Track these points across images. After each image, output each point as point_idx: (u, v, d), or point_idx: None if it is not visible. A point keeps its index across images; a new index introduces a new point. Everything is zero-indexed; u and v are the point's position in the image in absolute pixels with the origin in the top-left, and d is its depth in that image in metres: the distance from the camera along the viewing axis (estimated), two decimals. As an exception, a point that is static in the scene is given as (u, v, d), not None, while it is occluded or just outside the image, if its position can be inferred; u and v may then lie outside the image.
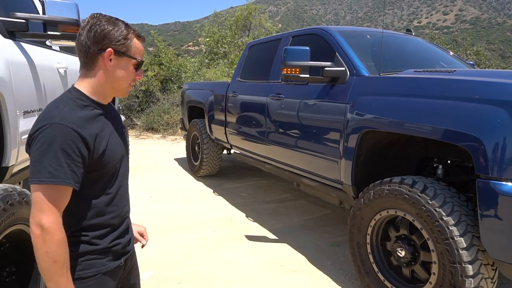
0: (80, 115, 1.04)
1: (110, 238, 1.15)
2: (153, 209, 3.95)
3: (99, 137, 1.07)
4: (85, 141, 1.01)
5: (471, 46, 16.78)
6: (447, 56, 3.53)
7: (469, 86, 1.91)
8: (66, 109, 1.04)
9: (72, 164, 0.99)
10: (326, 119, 2.74)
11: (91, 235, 1.10)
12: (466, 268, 1.73)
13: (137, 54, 1.14)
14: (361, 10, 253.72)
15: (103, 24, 1.08)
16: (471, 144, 1.74)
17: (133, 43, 1.12)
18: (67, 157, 0.98)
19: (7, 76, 1.92)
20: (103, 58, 1.08)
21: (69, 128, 0.99)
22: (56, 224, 0.97)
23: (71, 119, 1.01)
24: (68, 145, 0.98)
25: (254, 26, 16.15)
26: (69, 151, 0.98)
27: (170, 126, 9.77)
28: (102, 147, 1.08)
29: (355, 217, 2.33)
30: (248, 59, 4.39)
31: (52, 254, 0.96)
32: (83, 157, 1.01)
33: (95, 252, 1.11)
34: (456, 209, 1.82)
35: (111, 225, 1.15)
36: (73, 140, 0.99)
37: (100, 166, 1.09)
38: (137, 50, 1.14)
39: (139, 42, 1.15)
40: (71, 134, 0.99)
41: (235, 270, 2.68)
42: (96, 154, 1.05)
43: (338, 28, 3.20)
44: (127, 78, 1.14)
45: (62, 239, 0.99)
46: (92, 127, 1.06)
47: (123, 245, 1.21)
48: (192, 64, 12.75)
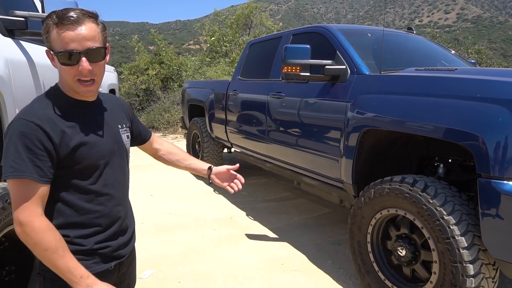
0: (48, 111, 1.03)
1: (95, 239, 1.11)
2: (153, 207, 3.95)
3: (70, 132, 1.04)
4: (48, 135, 0.99)
5: (473, 45, 16.74)
6: (448, 54, 3.52)
7: (470, 85, 1.90)
8: (37, 104, 1.04)
9: (35, 158, 0.97)
10: (327, 118, 2.73)
11: (72, 234, 1.07)
12: (467, 268, 1.73)
13: (57, 45, 1.00)
14: (362, 9, 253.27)
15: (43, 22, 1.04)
16: (473, 143, 1.73)
17: (51, 36, 1.01)
18: (29, 151, 0.96)
19: (6, 75, 1.92)
20: (50, 59, 1.06)
21: (30, 122, 0.97)
22: (32, 216, 0.96)
23: (36, 114, 1.00)
24: (29, 140, 0.96)
25: (255, 25, 16.13)
26: (31, 145, 0.96)
27: (171, 124, 9.78)
28: (73, 142, 1.04)
29: (355, 216, 2.32)
30: (249, 58, 4.38)
31: (40, 244, 0.96)
32: (47, 151, 0.99)
33: (79, 253, 1.06)
34: (457, 208, 1.82)
35: (95, 225, 1.11)
36: (34, 134, 0.97)
37: (72, 162, 1.05)
38: (59, 42, 0.99)
39: (57, 30, 0.99)
40: (32, 128, 0.97)
41: (235, 269, 2.68)
42: (65, 149, 1.02)
43: (339, 26, 3.19)
44: (65, 75, 1.04)
45: (42, 226, 0.97)
46: (61, 122, 1.03)
47: (114, 249, 1.16)
48: (192, 62, 12.75)
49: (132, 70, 11.97)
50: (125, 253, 1.21)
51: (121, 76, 11.55)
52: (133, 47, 12.57)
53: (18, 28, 2.15)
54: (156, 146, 1.49)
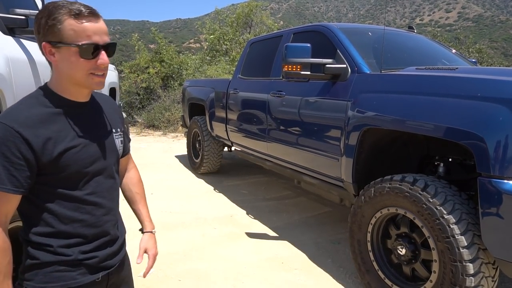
0: (32, 114, 0.94)
1: (80, 249, 1.04)
2: (153, 206, 3.93)
3: (55, 138, 0.96)
4: (27, 142, 0.91)
5: (474, 44, 16.71)
6: (449, 53, 3.51)
7: (471, 84, 1.89)
8: (21, 106, 0.95)
9: (11, 167, 0.89)
10: (327, 117, 2.73)
11: (56, 243, 1.00)
12: (467, 267, 1.73)
13: (79, 37, 0.94)
14: (363, 8, 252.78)
15: (37, 15, 0.96)
16: (473, 142, 1.73)
17: (66, 27, 0.94)
18: (4, 159, 0.89)
19: (6, 73, 1.92)
20: (47, 55, 0.98)
21: (10, 127, 0.89)
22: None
23: (17, 118, 0.91)
24: (6, 147, 0.89)
25: (255, 23, 16.10)
26: (7, 153, 0.89)
27: (171, 123, 9.77)
28: (59, 148, 0.96)
29: (355, 214, 2.32)
30: (249, 56, 4.38)
31: None
32: (26, 159, 0.91)
33: (63, 264, 1.01)
34: (457, 208, 1.82)
35: (81, 235, 1.04)
36: (12, 141, 0.89)
37: (57, 170, 0.97)
38: (75, 33, 0.94)
39: (76, 21, 0.94)
40: (11, 134, 0.89)
41: (236, 267, 2.68)
42: (48, 156, 0.94)
43: (339, 25, 3.18)
44: (78, 69, 0.97)
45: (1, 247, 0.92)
46: (46, 126, 0.95)
47: (101, 259, 1.09)
48: (193, 61, 12.73)
49: (132, 68, 11.96)
50: (113, 263, 1.15)
51: (122, 75, 11.54)
52: (134, 46, 12.55)
53: (18, 27, 2.15)
54: (125, 166, 1.35)
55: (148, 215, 1.38)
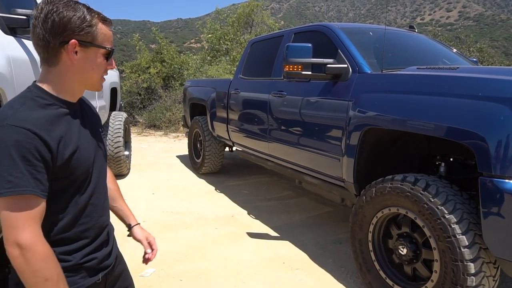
0: (40, 115, 0.90)
1: (82, 253, 1.02)
2: (155, 206, 3.96)
3: (65, 140, 0.93)
4: (46, 144, 0.88)
5: (475, 43, 16.68)
6: (450, 53, 3.51)
7: (472, 83, 1.89)
8: (23, 109, 0.89)
9: (34, 170, 0.85)
10: (328, 117, 2.73)
11: (58, 250, 0.96)
12: (468, 266, 1.73)
13: (106, 41, 0.99)
14: (363, 7, 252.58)
15: (60, 11, 0.92)
16: (474, 141, 1.73)
17: (99, 30, 0.97)
18: (27, 163, 0.84)
19: (8, 73, 1.93)
20: (67, 52, 0.94)
21: (26, 130, 0.85)
22: (36, 238, 0.86)
23: (28, 120, 0.87)
24: (26, 149, 0.84)
25: (256, 23, 16.10)
26: (28, 156, 0.84)
27: (172, 123, 9.79)
28: (68, 151, 0.94)
29: (356, 214, 2.32)
30: (250, 56, 4.38)
31: (41, 272, 0.85)
32: (45, 162, 0.88)
33: (65, 270, 0.97)
34: (459, 207, 1.82)
35: (82, 239, 1.02)
36: (31, 143, 0.85)
37: (68, 173, 0.95)
38: (105, 37, 0.99)
39: (105, 27, 0.99)
40: (29, 136, 0.85)
41: (237, 267, 2.68)
42: (61, 159, 0.92)
43: (340, 25, 3.18)
44: (98, 70, 1.00)
45: (47, 252, 0.88)
46: (55, 128, 0.92)
47: (100, 260, 1.08)
48: (194, 61, 12.73)
49: (133, 68, 11.97)
50: (110, 263, 1.14)
51: (123, 75, 11.56)
52: (135, 46, 12.57)
53: (20, 26, 2.16)
54: None
55: (130, 210, 1.37)
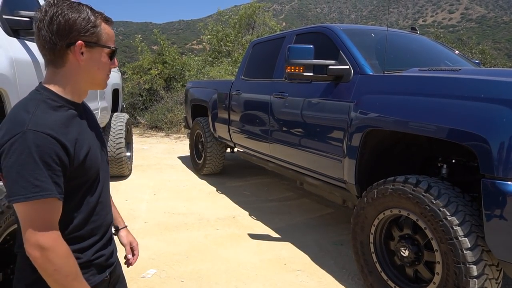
0: (55, 118, 0.92)
1: (93, 250, 1.05)
2: (156, 207, 3.96)
3: (79, 141, 0.96)
4: (65, 148, 0.90)
5: (477, 45, 16.66)
6: (452, 55, 3.51)
7: (474, 85, 1.89)
8: (38, 112, 0.91)
9: (54, 174, 0.88)
10: (330, 118, 2.73)
11: (72, 248, 0.98)
12: (471, 269, 1.72)
13: (109, 41, 1.02)
14: (365, 9, 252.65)
15: (66, 13, 0.93)
16: (476, 143, 1.72)
17: (103, 30, 0.99)
18: (48, 168, 0.87)
19: (11, 74, 1.93)
20: (73, 53, 0.95)
21: (46, 135, 0.87)
22: (56, 240, 0.90)
23: (47, 124, 0.89)
24: (47, 154, 0.87)
25: (258, 25, 16.12)
26: (49, 160, 0.87)
27: (174, 124, 9.80)
28: (83, 152, 0.97)
29: (358, 216, 2.32)
30: (252, 58, 4.38)
31: (63, 270, 0.90)
32: (63, 165, 0.90)
33: None
34: (461, 209, 1.81)
35: (93, 236, 1.05)
36: (52, 148, 0.87)
37: (82, 173, 0.98)
38: (108, 37, 1.01)
39: (108, 27, 1.02)
40: (50, 142, 0.87)
41: (238, 268, 2.68)
42: (78, 160, 0.95)
43: (342, 26, 3.18)
44: (103, 69, 1.02)
45: (68, 251, 0.92)
46: (70, 131, 0.94)
47: (107, 257, 1.10)
48: (195, 62, 12.75)
49: (135, 69, 12.00)
50: (114, 261, 1.16)
51: (125, 76, 11.58)
52: (137, 47, 12.61)
53: (23, 28, 2.17)
54: None
55: (118, 212, 1.37)
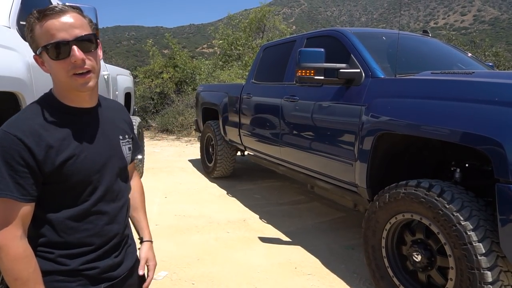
0: (36, 122, 0.93)
1: (82, 259, 1.01)
2: (167, 209, 3.99)
3: (58, 146, 0.94)
4: (30, 151, 0.89)
5: (490, 47, 16.38)
6: (465, 57, 3.47)
7: (488, 88, 1.87)
8: (23, 115, 0.94)
9: (16, 175, 0.89)
10: (341, 121, 2.72)
11: (57, 253, 0.98)
12: (485, 275, 1.69)
13: (43, 40, 0.91)
14: (376, 12, 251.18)
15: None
16: (490, 147, 1.70)
17: (37, 33, 0.92)
18: (9, 168, 0.88)
19: (28, 78, 1.98)
20: (40, 65, 0.98)
21: (13, 135, 0.88)
22: (9, 240, 0.89)
23: (18, 126, 0.90)
24: (10, 155, 0.88)
25: (268, 28, 16.16)
26: (11, 161, 0.88)
27: (185, 127, 9.87)
28: (61, 157, 0.94)
29: (370, 220, 2.30)
30: (263, 61, 4.40)
31: (11, 272, 0.89)
32: (29, 167, 0.90)
33: (62, 273, 0.98)
34: (475, 214, 1.79)
35: (84, 245, 1.01)
36: (15, 149, 0.88)
37: (60, 179, 0.95)
38: (41, 36, 0.91)
39: (40, 24, 0.91)
40: (14, 142, 0.88)
41: (248, 271, 2.68)
42: (51, 165, 0.93)
43: (353, 29, 3.18)
44: (58, 72, 0.94)
45: (19, 254, 0.90)
46: (49, 134, 0.93)
47: (102, 270, 1.05)
48: (206, 66, 12.84)
49: (147, 73, 12.15)
50: (117, 275, 1.10)
51: (136, 80, 11.72)
52: (148, 51, 12.77)
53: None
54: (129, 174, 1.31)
55: (147, 225, 1.36)
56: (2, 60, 1.83)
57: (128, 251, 1.17)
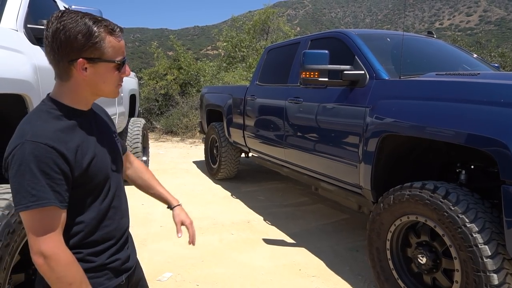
0: (55, 128, 0.94)
1: (107, 254, 1.07)
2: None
3: (81, 149, 0.97)
4: (63, 156, 0.91)
5: (496, 48, 16.27)
6: (470, 58, 3.45)
7: (493, 89, 1.86)
8: (39, 123, 0.94)
9: (53, 183, 0.90)
10: (345, 123, 2.72)
11: (85, 252, 1.02)
12: (491, 277, 1.68)
13: (116, 54, 0.98)
14: (380, 13, 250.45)
15: (66, 29, 0.92)
16: (496, 149, 1.69)
17: (106, 44, 0.96)
18: (46, 177, 0.89)
19: (35, 81, 2.00)
20: (76, 69, 0.95)
21: (43, 144, 0.89)
22: (58, 248, 0.91)
23: (45, 134, 0.91)
24: (45, 164, 0.89)
25: (272, 30, 16.18)
26: (47, 169, 0.89)
27: (189, 129, 9.90)
28: (86, 159, 0.98)
29: (374, 222, 2.30)
30: (267, 63, 4.41)
31: (65, 278, 0.91)
32: (64, 174, 0.92)
33: (91, 270, 1.02)
34: (480, 216, 1.77)
35: (106, 241, 1.07)
36: (50, 157, 0.89)
37: (87, 180, 0.99)
38: (114, 50, 0.97)
39: (114, 38, 0.97)
40: (47, 151, 0.89)
41: (253, 273, 2.69)
42: (80, 168, 0.96)
43: (357, 31, 3.17)
44: (110, 83, 1.01)
45: (69, 259, 0.93)
46: (71, 138, 0.96)
47: (123, 261, 1.12)
48: (210, 68, 12.88)
49: (151, 75, 12.22)
50: (131, 265, 1.17)
51: (141, 81, 11.79)
52: (153, 53, 12.85)
53: (45, 37, 2.24)
54: (127, 164, 1.36)
55: (168, 192, 1.41)
56: (10, 62, 1.85)
57: (132, 243, 1.25)
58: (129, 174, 1.37)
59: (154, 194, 1.39)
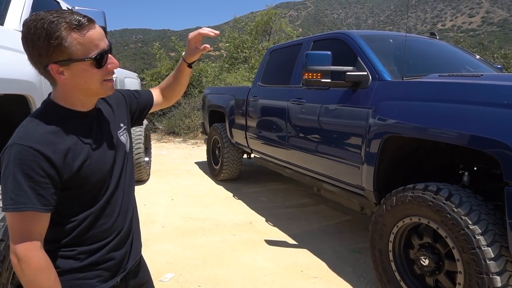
0: (46, 130, 0.92)
1: (100, 253, 1.05)
2: (174, 211, 4.01)
3: (73, 151, 0.95)
4: (49, 160, 0.89)
5: (499, 49, 16.25)
6: (473, 60, 3.44)
7: (497, 91, 1.85)
8: (31, 125, 0.92)
9: (37, 186, 0.88)
10: (348, 124, 2.72)
11: (78, 250, 1.01)
12: (494, 280, 1.67)
13: (87, 50, 0.91)
14: (383, 14, 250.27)
15: (29, 38, 0.89)
16: (499, 150, 1.68)
17: (72, 43, 0.89)
18: (29, 180, 0.87)
19: (38, 82, 2.01)
20: (54, 75, 0.92)
21: (28, 147, 0.87)
22: (30, 252, 0.90)
23: (33, 137, 0.89)
24: (29, 167, 0.87)
25: (274, 31, 16.21)
26: (31, 173, 0.87)
27: (191, 130, 9.92)
28: (78, 162, 0.95)
29: (376, 223, 2.29)
30: (269, 64, 4.41)
31: (33, 283, 0.91)
32: (50, 177, 0.90)
33: (83, 270, 1.01)
34: (483, 218, 1.77)
35: (102, 239, 1.05)
36: (34, 161, 0.87)
37: (80, 182, 0.97)
38: (83, 47, 0.90)
39: (78, 35, 0.89)
40: (31, 154, 0.87)
41: (255, 274, 2.68)
42: (69, 171, 0.93)
43: (359, 32, 3.17)
44: (93, 80, 0.95)
45: (40, 265, 0.91)
46: (62, 141, 0.93)
47: (118, 261, 1.09)
48: (212, 69, 12.91)
49: (153, 76, 12.26)
50: (129, 265, 1.15)
51: (143, 82, 11.82)
52: (155, 54, 12.90)
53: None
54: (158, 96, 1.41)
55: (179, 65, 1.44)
56: (13, 63, 1.86)
57: (138, 243, 1.22)
58: (164, 93, 1.42)
59: (176, 76, 1.42)
